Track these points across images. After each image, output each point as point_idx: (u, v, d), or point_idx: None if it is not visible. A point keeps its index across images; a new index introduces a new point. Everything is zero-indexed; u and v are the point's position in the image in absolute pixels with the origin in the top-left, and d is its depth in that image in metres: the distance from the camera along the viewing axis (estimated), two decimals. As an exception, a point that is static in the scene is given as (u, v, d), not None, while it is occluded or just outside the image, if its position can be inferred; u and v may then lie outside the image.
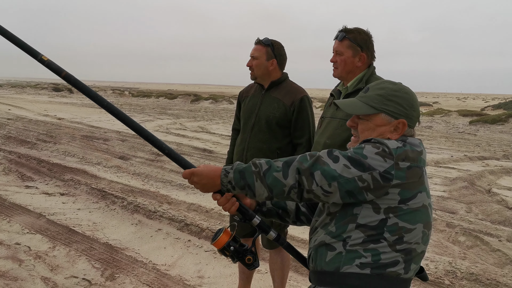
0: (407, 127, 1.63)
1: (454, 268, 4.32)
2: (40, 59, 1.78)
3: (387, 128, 1.63)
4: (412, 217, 1.53)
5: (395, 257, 1.53)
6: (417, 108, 1.67)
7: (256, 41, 3.20)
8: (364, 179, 1.48)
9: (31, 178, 7.29)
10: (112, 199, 6.17)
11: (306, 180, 1.49)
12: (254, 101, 3.24)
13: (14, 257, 4.17)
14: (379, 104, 1.63)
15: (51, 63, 1.78)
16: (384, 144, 1.52)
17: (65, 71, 1.78)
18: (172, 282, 3.82)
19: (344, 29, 2.66)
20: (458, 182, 8.40)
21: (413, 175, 1.52)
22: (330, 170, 1.48)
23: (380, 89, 1.66)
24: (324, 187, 1.49)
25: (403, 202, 1.51)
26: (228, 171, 1.60)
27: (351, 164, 1.49)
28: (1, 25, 1.81)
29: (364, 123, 1.67)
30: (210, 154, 10.34)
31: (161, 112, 23.30)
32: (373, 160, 1.48)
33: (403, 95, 1.64)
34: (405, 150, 1.52)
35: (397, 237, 1.52)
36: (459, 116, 24.71)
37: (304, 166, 1.50)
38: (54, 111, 20.81)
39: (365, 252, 1.53)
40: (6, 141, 10.90)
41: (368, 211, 1.52)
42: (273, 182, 1.53)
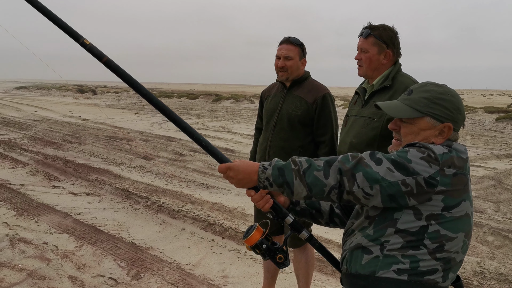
0: (453, 131, 1.59)
1: (482, 269, 4.23)
2: (82, 42, 1.74)
3: (432, 132, 1.58)
4: (455, 225, 1.49)
5: (434, 265, 1.50)
6: (463, 111, 1.61)
7: (285, 40, 3.14)
8: (407, 184, 1.44)
9: (57, 178, 7.43)
10: (136, 199, 6.24)
11: (348, 181, 1.45)
12: (276, 99, 3.23)
13: (42, 256, 4.25)
14: (425, 108, 1.58)
15: (92, 47, 1.75)
16: (430, 149, 1.48)
17: (106, 56, 1.75)
18: (197, 282, 3.83)
19: (369, 26, 2.61)
20: (485, 180, 8.22)
21: (458, 182, 1.48)
22: (373, 172, 1.45)
23: (425, 92, 1.61)
24: (366, 189, 1.45)
25: (447, 210, 1.47)
26: (266, 167, 1.56)
27: (394, 167, 1.45)
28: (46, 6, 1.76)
29: (407, 127, 1.62)
30: (232, 154, 10.36)
31: (183, 112, 23.46)
32: (418, 165, 1.44)
33: (450, 98, 1.59)
34: (451, 156, 1.48)
35: (437, 245, 1.48)
36: (485, 113, 24.16)
37: (346, 166, 1.46)
38: (79, 112, 21.17)
39: (403, 258, 1.50)
40: (33, 142, 11.13)
41: (409, 216, 1.48)
42: (314, 181, 1.49)
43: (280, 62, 3.13)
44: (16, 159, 8.82)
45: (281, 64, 3.12)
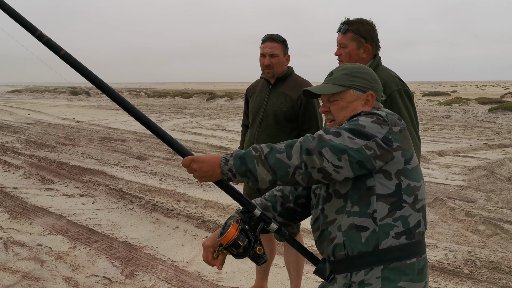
0: (375, 99, 1.73)
1: (473, 257, 4.28)
2: (39, 34, 1.68)
3: (359, 102, 1.71)
4: (416, 174, 1.62)
5: (418, 217, 1.61)
6: (379, 81, 1.77)
7: (268, 38, 3.16)
8: (370, 147, 1.52)
9: (51, 180, 7.43)
10: (130, 198, 6.26)
11: (317, 158, 1.48)
12: (261, 96, 3.25)
13: (36, 258, 4.26)
14: (347, 82, 1.72)
15: (49, 40, 1.69)
16: (376, 113, 1.60)
17: (64, 49, 1.70)
18: (191, 279, 3.87)
19: (346, 21, 2.61)
20: (478, 171, 8.28)
21: (405, 137, 1.60)
22: (337, 144, 1.50)
23: (344, 69, 1.76)
24: (335, 162, 1.49)
25: (407, 163, 1.59)
26: (228, 158, 1.57)
27: (353, 135, 1.53)
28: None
29: (336, 104, 1.73)
30: (227, 152, 10.39)
31: (177, 112, 23.46)
32: (371, 128, 1.54)
33: (366, 71, 1.75)
34: (392, 116, 1.61)
35: (413, 197, 1.59)
36: (478, 104, 24.30)
37: (311, 145, 1.50)
38: (73, 114, 21.13)
39: (395, 221, 1.57)
40: (26, 145, 11.11)
41: (382, 179, 1.57)
42: (276, 163, 1.50)
43: (266, 60, 3.15)
44: (9, 162, 8.81)
45: (267, 62, 3.14)
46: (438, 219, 5.50)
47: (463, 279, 3.91)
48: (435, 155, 9.91)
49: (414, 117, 2.55)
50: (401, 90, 2.51)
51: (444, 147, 11.10)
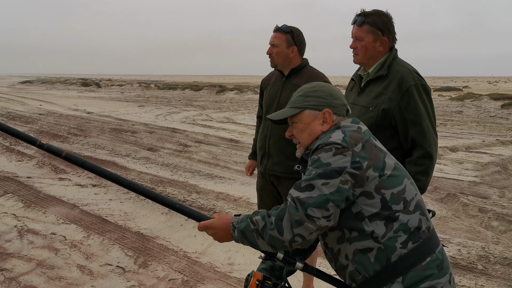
0: (334, 115, 1.72)
1: (487, 253, 4.25)
2: (39, 144, 1.87)
3: (316, 122, 1.72)
4: (395, 179, 1.61)
5: (416, 218, 1.60)
6: (338, 96, 1.76)
7: (275, 29, 3.17)
8: (345, 181, 1.53)
9: (64, 170, 7.49)
10: (142, 189, 6.28)
11: (310, 224, 1.52)
12: (275, 88, 3.24)
13: (51, 247, 4.31)
14: (301, 103, 1.75)
15: (50, 146, 1.87)
16: (332, 143, 1.59)
17: (65, 151, 1.87)
18: (203, 269, 3.88)
19: (362, 13, 2.52)
20: (490, 167, 8.21)
21: (370, 149, 1.60)
22: (317, 198, 1.52)
23: (300, 91, 1.79)
24: (324, 214, 1.52)
25: (382, 174, 1.58)
26: (235, 225, 1.65)
27: (325, 179, 1.54)
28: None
29: (296, 127, 1.77)
30: (237, 144, 10.39)
31: (187, 104, 23.49)
32: (336, 162, 1.55)
33: (320, 89, 1.76)
34: (349, 136, 1.60)
35: (403, 202, 1.59)
36: (490, 100, 24.02)
37: (297, 215, 1.52)
38: (83, 105, 21.24)
39: (396, 233, 1.57)
40: (38, 135, 11.21)
41: (365, 201, 1.57)
42: (271, 240, 1.57)
43: (268, 49, 3.18)
44: (22, 152, 8.90)
45: (268, 51, 3.18)
46: (451, 215, 5.47)
47: (476, 274, 3.89)
48: (447, 151, 9.84)
49: (432, 112, 2.51)
50: (418, 85, 2.46)
51: (456, 142, 11.01)
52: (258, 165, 3.35)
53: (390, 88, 2.46)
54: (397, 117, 2.45)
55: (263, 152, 3.24)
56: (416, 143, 2.43)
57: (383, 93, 2.48)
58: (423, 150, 2.42)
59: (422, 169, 2.42)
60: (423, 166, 2.42)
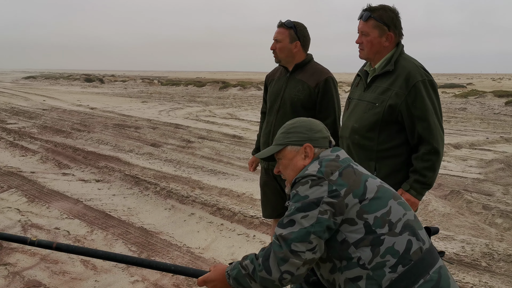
0: (315, 148, 1.74)
1: (491, 250, 4.24)
2: (30, 241, 1.98)
3: (299, 157, 1.75)
4: (379, 201, 1.59)
5: (404, 239, 1.56)
6: (318, 129, 1.79)
7: (279, 24, 3.16)
8: (324, 211, 1.54)
9: (67, 165, 7.50)
10: (145, 185, 6.30)
11: (295, 259, 1.53)
12: (279, 84, 3.22)
13: (54, 241, 4.31)
14: (283, 140, 1.79)
15: (40, 241, 2.02)
16: (307, 175, 1.62)
17: (55, 242, 2.01)
18: (207, 265, 3.88)
19: (368, 8, 2.52)
20: (494, 164, 8.18)
21: (348, 176, 1.60)
22: (297, 232, 1.54)
23: (282, 128, 1.84)
24: (308, 247, 1.54)
25: (362, 199, 1.57)
26: (229, 274, 1.70)
27: (304, 212, 1.55)
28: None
29: (281, 163, 1.81)
30: (240, 140, 10.39)
31: (190, 100, 23.49)
32: (313, 193, 1.56)
33: (300, 124, 1.80)
34: (325, 165, 1.62)
35: (387, 224, 1.56)
36: (494, 97, 23.95)
37: (281, 252, 1.54)
38: (87, 101, 21.26)
39: (383, 258, 1.54)
40: (42, 130, 11.23)
41: (348, 228, 1.57)
42: (263, 281, 1.59)
43: (272, 45, 3.17)
44: (26, 147, 8.92)
45: (272, 47, 3.17)
46: (455, 212, 5.45)
47: (480, 271, 3.88)
48: (451, 148, 9.81)
49: (439, 108, 2.50)
50: (425, 80, 2.45)
51: (460, 139, 10.97)
52: (261, 160, 3.35)
53: (397, 83, 2.45)
54: (404, 112, 2.43)
55: (267, 147, 3.23)
56: (423, 139, 2.42)
57: (389, 88, 2.47)
58: (430, 146, 2.41)
59: (428, 164, 2.41)
60: (429, 161, 2.41)
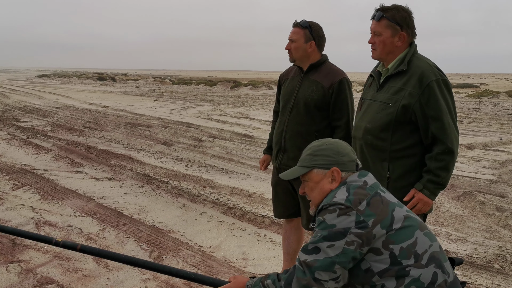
0: (342, 172, 1.72)
1: (504, 252, 4.19)
2: (55, 242, 2.03)
3: (325, 180, 1.73)
4: (405, 232, 1.58)
5: (430, 271, 1.56)
6: (345, 153, 1.75)
7: (294, 24, 3.16)
8: (351, 242, 1.53)
9: (80, 163, 7.57)
10: (157, 183, 6.33)
11: (318, 287, 1.55)
12: (293, 83, 3.22)
13: (67, 238, 4.35)
14: (310, 162, 1.76)
15: (66, 242, 2.07)
16: (335, 203, 1.59)
17: (79, 244, 2.08)
18: (218, 264, 3.90)
19: (381, 8, 2.51)
20: (508, 165, 8.09)
21: (375, 205, 1.58)
22: (323, 261, 1.53)
23: (308, 149, 1.81)
24: (332, 277, 1.53)
25: (389, 229, 1.56)
26: None
27: (330, 241, 1.54)
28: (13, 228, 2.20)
29: (307, 185, 1.79)
30: (251, 140, 10.40)
31: (202, 99, 23.55)
32: (341, 223, 1.54)
33: (328, 147, 1.76)
34: (353, 194, 1.60)
35: (413, 256, 1.55)
36: (508, 98, 23.67)
37: (305, 279, 1.55)
38: (99, 99, 21.42)
39: (407, 287, 1.55)
40: (55, 128, 11.34)
41: (373, 257, 1.56)
42: None
43: (287, 44, 3.16)
44: (39, 145, 9.01)
45: (287, 47, 3.16)
46: (467, 213, 5.40)
47: (493, 274, 3.84)
48: (464, 148, 9.72)
49: (453, 108, 2.48)
50: (439, 80, 2.43)
51: (473, 140, 10.87)
52: (273, 160, 3.35)
53: (410, 83, 2.44)
54: (418, 112, 2.42)
55: (279, 147, 3.24)
56: (437, 139, 2.40)
57: (403, 88, 2.45)
58: (444, 145, 2.39)
59: (442, 164, 2.39)
60: (443, 161, 2.39)
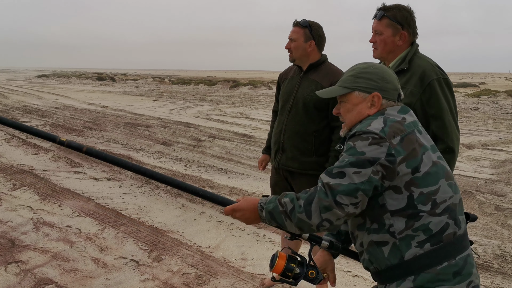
0: (383, 99, 1.66)
1: (503, 252, 4.19)
2: (59, 141, 1.92)
3: (364, 104, 1.67)
4: (431, 178, 1.55)
5: (442, 221, 1.54)
6: (390, 80, 1.69)
7: (294, 23, 3.16)
8: (377, 171, 1.51)
9: (79, 164, 7.56)
10: (156, 183, 6.32)
11: (338, 210, 1.51)
12: (292, 83, 3.22)
13: (66, 239, 4.36)
14: (351, 83, 1.69)
15: (70, 142, 1.94)
16: (370, 132, 1.55)
17: (85, 146, 1.92)
18: (217, 264, 3.89)
19: (382, 7, 2.53)
20: (507, 164, 8.09)
21: (409, 144, 1.54)
22: (347, 186, 1.51)
23: (351, 70, 1.73)
24: (353, 201, 1.51)
25: (416, 171, 1.53)
26: (262, 206, 1.66)
27: (357, 167, 1.51)
28: (16, 122, 2.00)
29: (344, 106, 1.73)
30: (250, 139, 10.39)
31: (201, 99, 23.54)
32: (371, 152, 1.51)
33: (373, 70, 1.69)
34: (389, 126, 1.55)
35: (430, 203, 1.54)
36: (507, 97, 23.64)
37: (327, 201, 1.52)
38: (98, 99, 21.41)
39: (414, 232, 1.54)
40: (54, 129, 11.33)
41: (392, 195, 1.54)
42: (299, 222, 1.56)
43: (287, 44, 3.17)
44: (38, 145, 9.01)
45: (287, 46, 3.16)
46: (466, 212, 5.40)
47: (492, 273, 3.84)
48: (463, 148, 9.72)
49: (454, 107, 2.49)
50: (440, 79, 2.44)
51: (472, 139, 10.87)
52: (272, 159, 3.34)
53: (411, 82, 2.44)
54: (419, 111, 2.42)
55: (278, 147, 3.23)
56: (438, 138, 2.41)
57: (404, 87, 2.46)
58: (445, 144, 2.40)
59: None
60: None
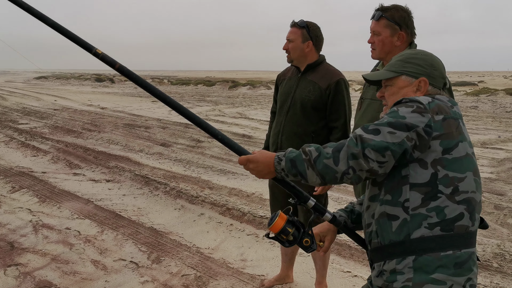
0: (429, 85, 1.67)
1: (502, 251, 4.20)
2: (95, 52, 1.82)
3: (410, 88, 1.68)
4: (459, 165, 1.55)
5: (458, 209, 1.54)
6: (438, 67, 1.71)
7: (292, 24, 3.16)
8: (411, 138, 1.51)
9: (78, 165, 7.56)
10: (155, 185, 6.32)
11: (363, 162, 1.50)
12: (290, 84, 3.22)
13: (65, 241, 4.35)
14: (399, 68, 1.71)
15: (105, 56, 1.83)
16: (416, 100, 1.56)
17: (118, 63, 1.82)
18: (216, 265, 3.89)
19: (380, 8, 2.55)
20: (507, 163, 8.10)
21: (449, 126, 1.55)
22: (379, 142, 1.50)
23: (400, 56, 1.76)
24: (379, 159, 1.50)
25: (447, 152, 1.53)
26: (281, 158, 1.62)
27: (394, 128, 1.51)
28: (56, 22, 1.85)
29: (389, 89, 1.74)
30: (249, 140, 10.39)
31: (200, 99, 23.54)
32: (412, 118, 1.52)
33: (422, 57, 1.71)
34: (437, 104, 1.56)
35: (452, 188, 1.53)
36: (506, 95, 23.66)
37: (356, 150, 1.50)
38: (97, 101, 21.40)
39: (428, 211, 1.53)
40: (53, 130, 11.32)
41: (417, 168, 1.54)
42: (324, 169, 1.54)
43: (284, 44, 3.16)
44: (37, 147, 9.00)
45: (284, 47, 3.16)
46: (466, 212, 5.40)
47: (492, 272, 3.84)
48: (462, 147, 9.72)
49: None
50: None
51: (471, 138, 10.83)
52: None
53: None
54: None
55: (275, 148, 3.23)
56: None
57: None
58: None
59: None
60: None
